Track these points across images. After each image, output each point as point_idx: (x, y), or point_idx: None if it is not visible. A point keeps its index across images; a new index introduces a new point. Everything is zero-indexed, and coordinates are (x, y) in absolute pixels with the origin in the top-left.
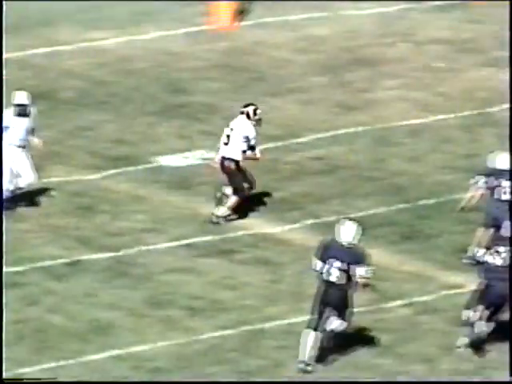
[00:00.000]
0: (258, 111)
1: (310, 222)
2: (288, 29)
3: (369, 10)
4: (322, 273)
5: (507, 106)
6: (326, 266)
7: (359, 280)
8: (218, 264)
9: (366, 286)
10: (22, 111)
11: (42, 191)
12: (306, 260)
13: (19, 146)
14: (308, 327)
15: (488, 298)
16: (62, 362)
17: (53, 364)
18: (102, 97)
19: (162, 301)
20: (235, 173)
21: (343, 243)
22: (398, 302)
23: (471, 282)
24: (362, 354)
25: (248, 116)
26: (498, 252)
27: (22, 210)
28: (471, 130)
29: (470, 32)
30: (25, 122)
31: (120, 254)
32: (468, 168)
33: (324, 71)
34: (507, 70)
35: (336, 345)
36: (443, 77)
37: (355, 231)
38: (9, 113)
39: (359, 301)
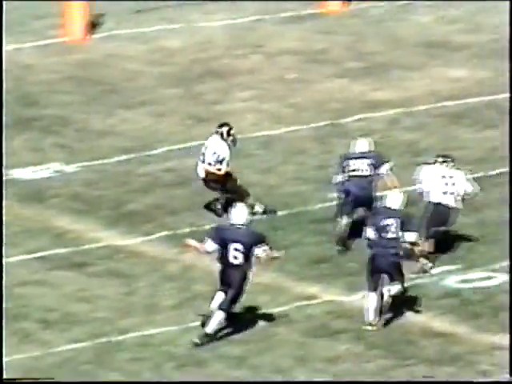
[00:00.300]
0: (232, 131)
1: (163, 234)
2: (140, 41)
3: (220, 21)
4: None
5: (359, 116)
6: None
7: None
8: (72, 277)
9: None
10: None
11: None
12: (160, 272)
13: None
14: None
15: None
16: None
17: None
18: None
19: (16, 314)
20: (224, 181)
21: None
22: (253, 314)
23: (325, 293)
24: (217, 366)
25: (222, 136)
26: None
27: None
28: (324, 141)
29: (322, 43)
30: None
31: None
32: (320, 179)
33: (177, 83)
34: (360, 80)
35: (193, 356)
36: (295, 88)
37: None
38: None
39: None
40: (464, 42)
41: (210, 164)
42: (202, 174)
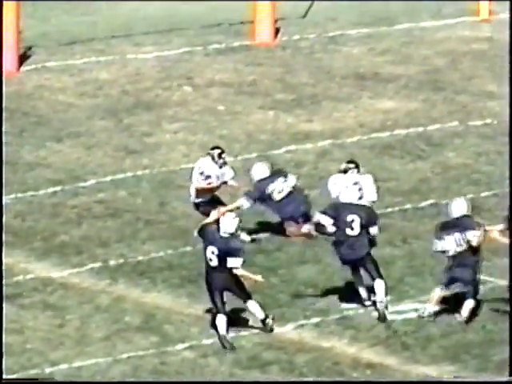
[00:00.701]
0: (224, 155)
1: (94, 265)
2: (71, 73)
3: (150, 53)
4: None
5: (289, 148)
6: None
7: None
8: (3, 308)
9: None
10: None
11: None
12: (90, 303)
13: None
14: None
15: None
16: None
17: None
18: None
19: None
20: (217, 199)
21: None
22: (182, 345)
23: (255, 323)
24: None
25: (213, 158)
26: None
27: None
28: None
29: (251, 75)
30: None
31: None
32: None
33: (107, 115)
34: (290, 112)
35: None
36: (225, 119)
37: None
38: None
39: (142, 344)
40: (393, 74)
41: (197, 181)
42: (193, 196)
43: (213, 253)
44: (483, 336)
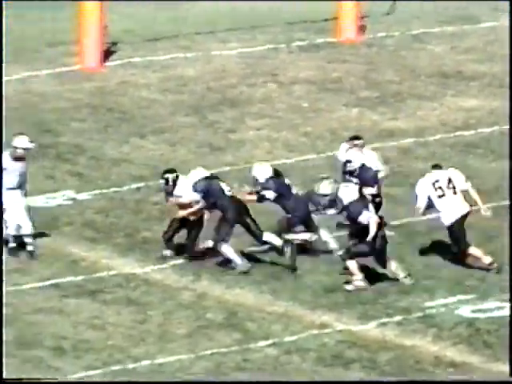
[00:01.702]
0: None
1: (176, 262)
2: (155, 69)
3: (236, 50)
4: None
5: (373, 145)
6: None
7: None
8: (86, 304)
9: None
10: (21, 155)
11: None
12: (173, 300)
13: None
14: None
15: None
16: None
17: None
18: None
19: (29, 341)
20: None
21: None
22: (265, 342)
23: (338, 322)
24: None
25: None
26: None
27: None
28: (337, 170)
29: (335, 72)
30: (23, 166)
31: None
32: None
33: (191, 111)
34: (374, 110)
35: None
36: (309, 116)
37: None
38: (6, 155)
39: (225, 341)
40: (477, 72)
41: None
42: None
43: None
44: None
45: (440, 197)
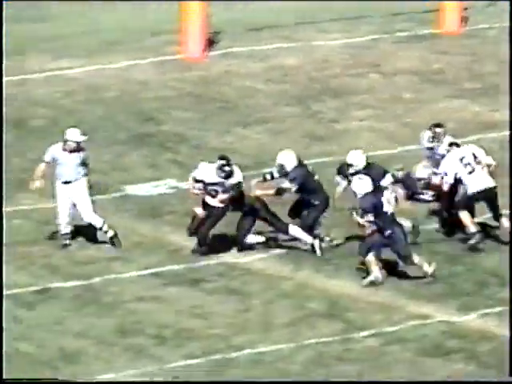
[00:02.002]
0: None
1: (278, 251)
2: (257, 59)
3: (338, 40)
4: None
5: (476, 137)
6: None
7: None
8: (186, 293)
9: None
10: (75, 147)
11: (10, 219)
12: (275, 289)
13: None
14: None
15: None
16: None
17: None
18: (70, 125)
19: (130, 329)
20: None
21: None
22: (366, 333)
23: (439, 313)
24: None
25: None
26: None
27: None
28: None
29: (437, 63)
30: (76, 158)
31: (88, 282)
32: None
33: (294, 101)
34: (476, 101)
35: (307, 374)
36: (411, 107)
37: None
38: (58, 148)
39: (326, 331)
40: None
41: None
42: None
43: None
44: None
45: (470, 173)
